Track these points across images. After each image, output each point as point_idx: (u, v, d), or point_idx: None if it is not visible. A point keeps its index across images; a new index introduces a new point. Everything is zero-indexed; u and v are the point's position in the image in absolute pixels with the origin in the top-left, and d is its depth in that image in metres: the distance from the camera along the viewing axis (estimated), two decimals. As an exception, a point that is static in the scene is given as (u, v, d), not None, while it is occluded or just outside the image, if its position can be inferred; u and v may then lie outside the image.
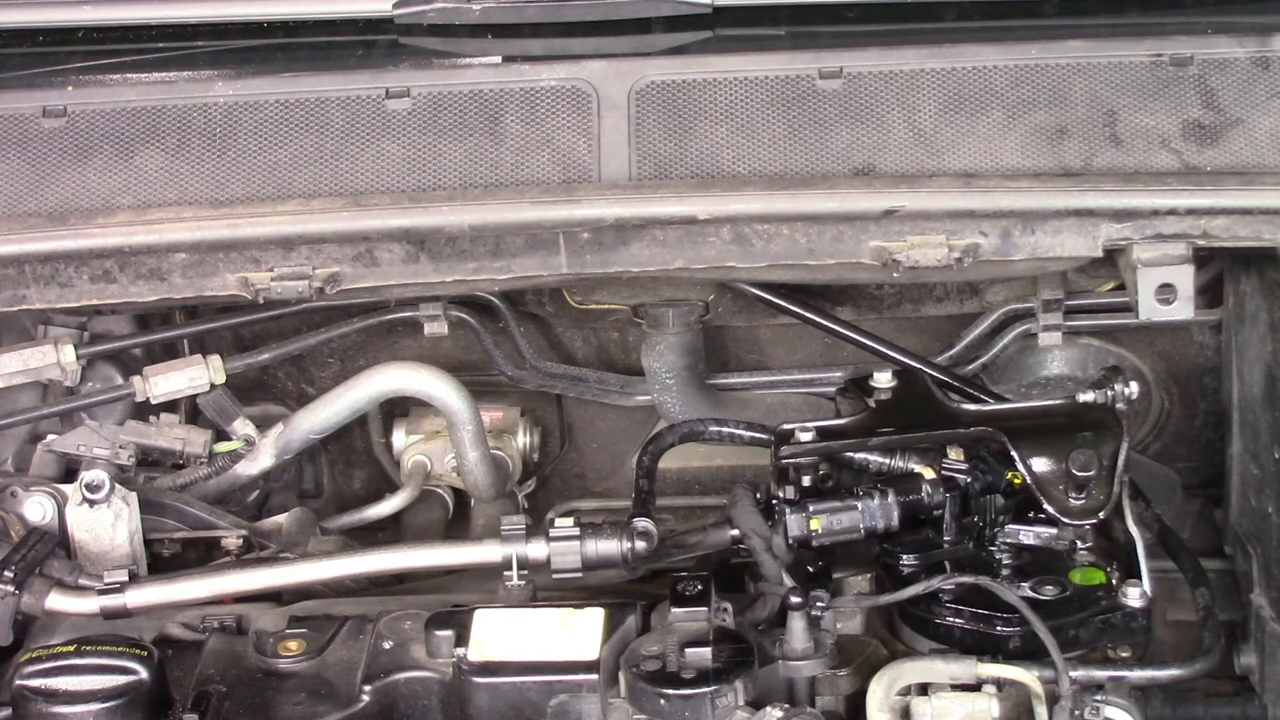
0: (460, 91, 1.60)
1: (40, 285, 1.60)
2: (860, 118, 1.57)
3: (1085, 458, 1.56)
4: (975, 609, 1.55)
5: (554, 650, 1.49)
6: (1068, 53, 1.59)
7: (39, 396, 1.90)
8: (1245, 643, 1.67)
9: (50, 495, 1.74)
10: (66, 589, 1.61)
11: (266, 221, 1.54)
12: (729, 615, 1.53)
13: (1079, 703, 1.47)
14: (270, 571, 1.66)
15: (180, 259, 1.58)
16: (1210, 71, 1.57)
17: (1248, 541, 1.70)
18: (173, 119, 1.61)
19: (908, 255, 1.54)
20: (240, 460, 1.91)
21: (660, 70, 1.60)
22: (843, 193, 1.53)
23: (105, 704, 1.39)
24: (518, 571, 1.58)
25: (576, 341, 2.11)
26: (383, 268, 1.59)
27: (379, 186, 1.57)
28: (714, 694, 1.41)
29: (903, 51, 1.60)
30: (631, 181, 1.56)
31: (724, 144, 1.57)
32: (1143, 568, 1.63)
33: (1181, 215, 1.52)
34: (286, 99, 1.60)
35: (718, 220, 1.55)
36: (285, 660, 1.55)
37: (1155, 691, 1.60)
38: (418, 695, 1.52)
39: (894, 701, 1.48)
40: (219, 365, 1.88)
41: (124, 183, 1.58)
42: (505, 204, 1.54)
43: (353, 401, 1.90)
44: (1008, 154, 1.55)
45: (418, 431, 2.07)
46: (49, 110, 1.61)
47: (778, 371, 2.05)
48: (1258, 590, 1.66)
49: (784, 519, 1.58)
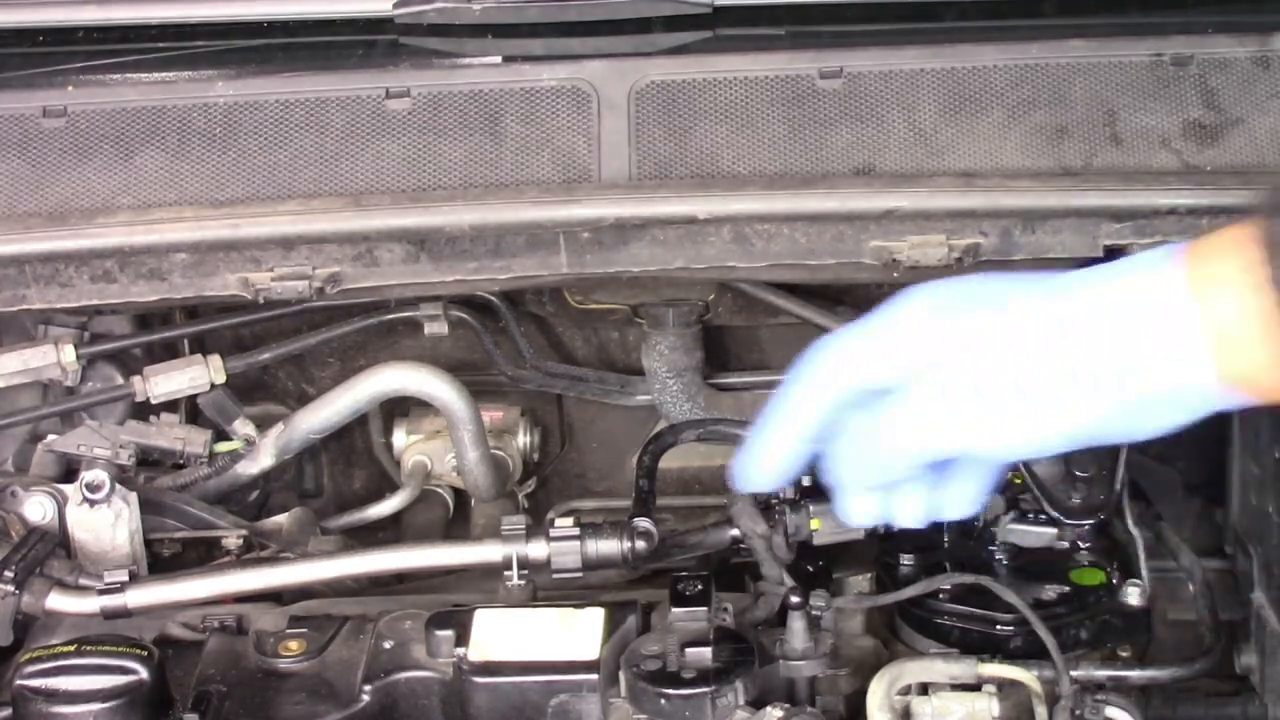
0: (460, 91, 1.60)
1: (40, 285, 1.59)
2: (860, 118, 1.57)
3: (1085, 458, 1.56)
4: (975, 609, 1.55)
5: (554, 650, 1.49)
6: (1068, 53, 1.59)
7: (39, 396, 1.90)
8: (1245, 643, 1.67)
9: (50, 495, 1.74)
10: (67, 589, 1.61)
11: (266, 221, 1.54)
12: (729, 615, 1.53)
13: (1079, 703, 1.47)
14: (270, 571, 1.66)
15: (180, 259, 1.58)
16: (1210, 71, 1.57)
17: (1248, 541, 1.70)
18: (173, 119, 1.60)
19: (908, 255, 1.54)
20: (240, 460, 1.91)
21: (660, 70, 1.60)
22: (843, 192, 1.53)
23: (106, 704, 1.39)
24: (518, 571, 1.58)
25: (576, 341, 2.11)
26: (383, 268, 1.59)
27: (379, 186, 1.57)
28: (714, 694, 1.41)
29: (903, 51, 1.60)
30: (631, 181, 1.55)
31: (724, 144, 1.57)
32: (1143, 568, 1.63)
33: (1182, 215, 1.52)
34: (286, 99, 1.60)
35: (718, 220, 1.55)
36: (285, 660, 1.55)
37: (1155, 691, 1.60)
38: (418, 695, 1.52)
39: (894, 701, 1.48)
40: (219, 365, 1.88)
41: (124, 183, 1.58)
42: (505, 204, 1.54)
43: (353, 401, 1.89)
44: (1008, 154, 1.55)
45: (418, 431, 2.07)
46: (49, 110, 1.61)
47: (778, 371, 2.05)
48: (1258, 590, 1.66)
49: (784, 519, 1.58)
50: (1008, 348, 1.15)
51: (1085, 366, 1.13)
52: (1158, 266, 1.12)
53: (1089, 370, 1.13)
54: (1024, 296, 1.17)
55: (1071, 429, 1.15)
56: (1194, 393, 1.12)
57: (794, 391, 1.22)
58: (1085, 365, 1.13)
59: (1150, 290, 1.11)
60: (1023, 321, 1.15)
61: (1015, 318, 1.15)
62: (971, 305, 1.17)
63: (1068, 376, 1.13)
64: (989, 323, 1.16)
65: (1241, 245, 1.08)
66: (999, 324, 1.16)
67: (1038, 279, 1.18)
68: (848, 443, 1.23)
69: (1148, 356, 1.11)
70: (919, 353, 1.18)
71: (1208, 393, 1.11)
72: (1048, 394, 1.14)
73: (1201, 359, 1.09)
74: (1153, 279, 1.12)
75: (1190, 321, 1.09)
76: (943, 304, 1.18)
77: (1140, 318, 1.11)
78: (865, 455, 1.22)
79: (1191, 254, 1.11)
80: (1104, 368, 1.12)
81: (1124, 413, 1.14)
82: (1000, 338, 1.15)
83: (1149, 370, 1.11)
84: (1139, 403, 1.13)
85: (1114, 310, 1.13)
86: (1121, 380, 1.12)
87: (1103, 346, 1.12)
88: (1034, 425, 1.15)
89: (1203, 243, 1.11)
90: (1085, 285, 1.15)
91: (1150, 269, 1.12)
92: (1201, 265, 1.09)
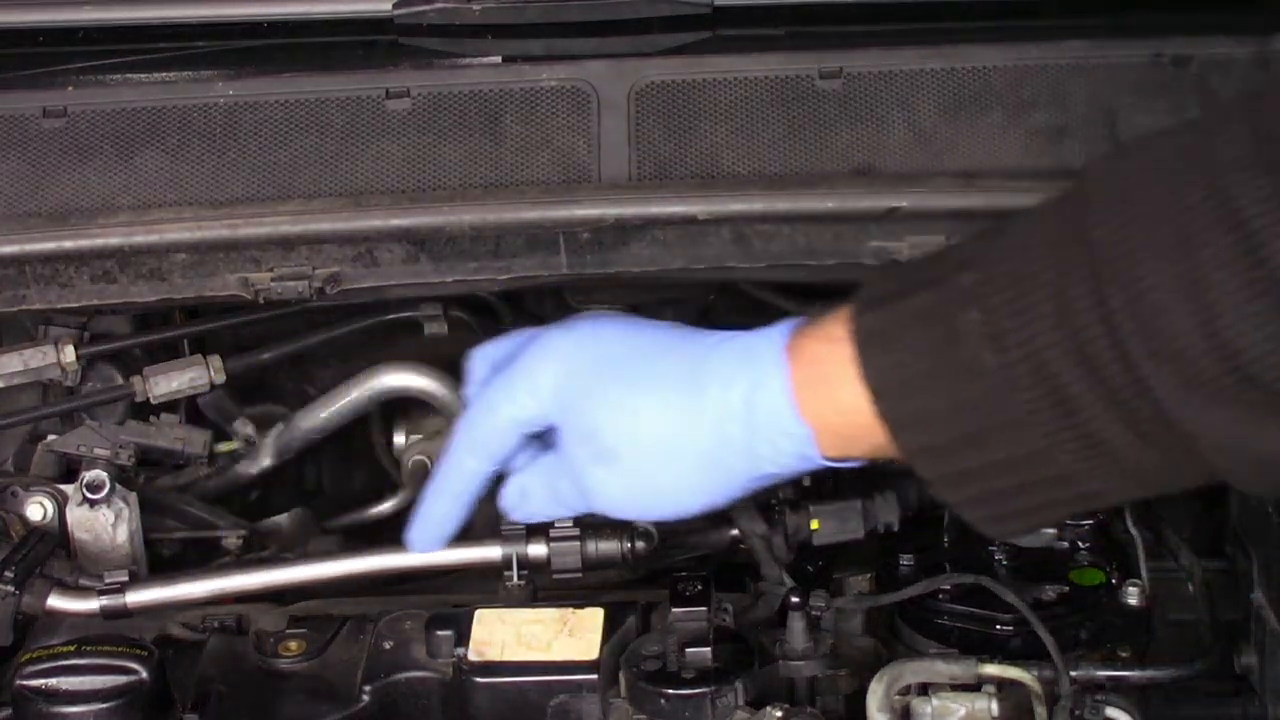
0: (460, 91, 1.60)
1: (40, 285, 1.59)
2: (860, 118, 1.57)
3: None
4: (975, 609, 1.55)
5: (554, 650, 1.49)
6: (1068, 53, 1.59)
7: (39, 396, 1.90)
8: (1245, 643, 1.66)
9: (50, 495, 1.74)
10: (67, 589, 1.61)
11: (266, 221, 1.54)
12: (729, 615, 1.53)
13: (1079, 703, 1.47)
14: (270, 572, 1.66)
15: (180, 259, 1.58)
16: (1210, 71, 1.57)
17: (1248, 541, 1.70)
18: (173, 119, 1.60)
19: (908, 255, 1.54)
20: (240, 460, 1.91)
21: (660, 70, 1.60)
22: (843, 192, 1.53)
23: (106, 704, 1.39)
24: (518, 571, 1.58)
25: (577, 341, 2.10)
26: (383, 268, 1.59)
27: (379, 186, 1.57)
28: (714, 694, 1.41)
29: (903, 51, 1.60)
30: (631, 181, 1.56)
31: (724, 144, 1.57)
32: (1142, 568, 1.63)
33: (1181, 215, 1.52)
34: (287, 99, 1.60)
35: (718, 220, 1.55)
36: (285, 660, 1.56)
37: (1155, 691, 1.60)
38: (418, 695, 1.52)
39: (894, 701, 1.48)
40: (219, 365, 1.87)
41: (124, 183, 1.58)
42: (505, 204, 1.54)
43: (353, 401, 1.90)
44: (1008, 154, 1.55)
45: (418, 431, 2.07)
46: (49, 110, 1.61)
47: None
48: (1257, 590, 1.66)
49: (784, 519, 1.58)
50: (635, 414, 1.26)
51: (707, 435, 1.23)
52: (769, 355, 1.22)
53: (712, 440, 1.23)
54: (654, 360, 1.28)
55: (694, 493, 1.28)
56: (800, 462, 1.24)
57: (448, 456, 1.39)
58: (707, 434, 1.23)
59: (759, 381, 1.22)
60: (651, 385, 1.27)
61: (646, 383, 1.27)
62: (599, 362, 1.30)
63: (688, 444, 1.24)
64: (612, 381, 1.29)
65: (840, 343, 1.18)
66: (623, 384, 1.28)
67: (670, 337, 1.30)
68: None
69: (755, 440, 1.22)
70: (550, 404, 1.32)
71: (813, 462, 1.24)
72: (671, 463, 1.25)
73: (807, 450, 1.22)
74: (763, 372, 1.22)
75: (794, 417, 1.20)
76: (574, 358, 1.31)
77: (750, 411, 1.21)
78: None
79: (795, 351, 1.22)
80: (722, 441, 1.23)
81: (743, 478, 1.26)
82: (627, 404, 1.27)
83: (754, 451, 1.23)
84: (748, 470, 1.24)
85: (726, 387, 1.23)
86: (735, 459, 1.24)
87: (720, 421, 1.23)
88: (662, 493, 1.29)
89: (808, 337, 1.22)
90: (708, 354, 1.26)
91: (762, 359, 1.22)
92: (806, 366, 1.20)
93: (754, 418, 1.21)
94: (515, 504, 1.42)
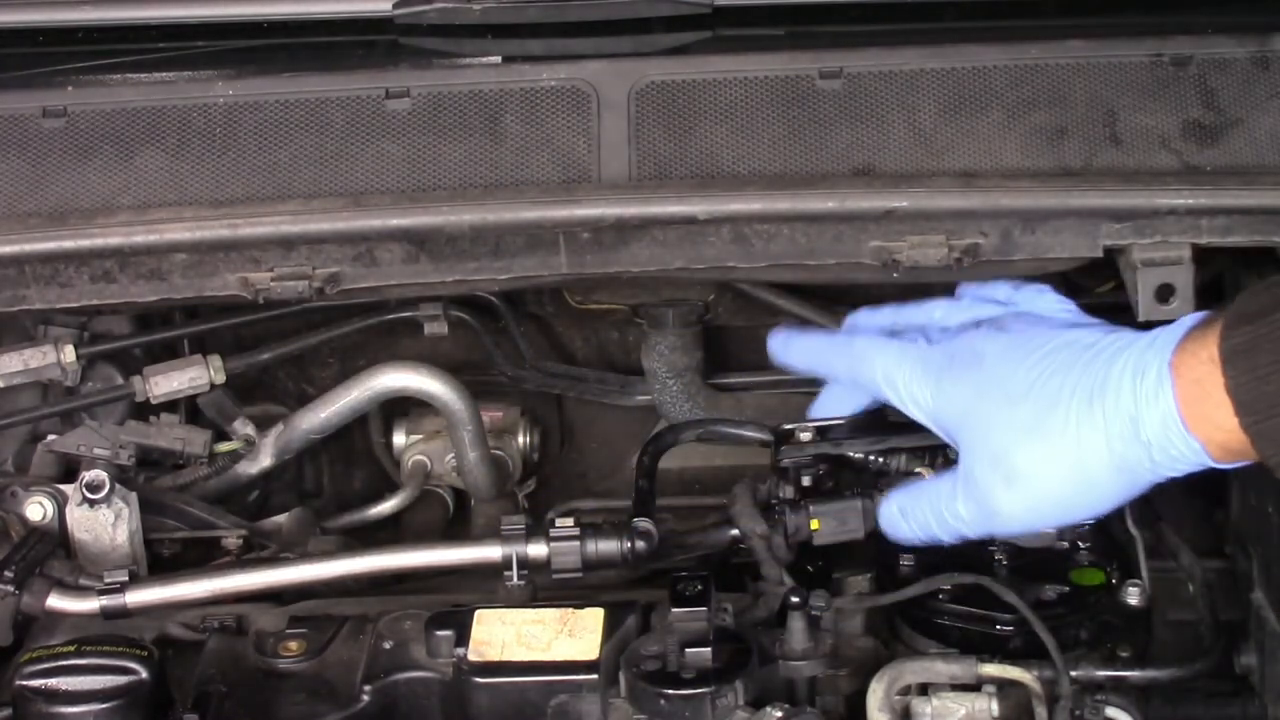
0: (460, 91, 1.60)
1: (40, 285, 1.60)
2: (860, 118, 1.57)
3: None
4: (975, 609, 1.55)
5: (554, 650, 1.49)
6: (1068, 53, 1.59)
7: (39, 396, 1.90)
8: (1245, 643, 1.67)
9: (50, 495, 1.74)
10: (66, 589, 1.61)
11: (266, 221, 1.54)
12: (729, 615, 1.53)
13: (1079, 703, 1.47)
14: (270, 572, 1.66)
15: (180, 259, 1.58)
16: (1210, 71, 1.57)
17: (1248, 541, 1.70)
18: (173, 119, 1.60)
19: (908, 255, 1.54)
20: (240, 460, 1.91)
21: (660, 70, 1.60)
22: (843, 193, 1.53)
23: (106, 704, 1.39)
24: (518, 571, 1.58)
25: (576, 341, 2.11)
26: (383, 268, 1.59)
27: (379, 186, 1.56)
28: (714, 694, 1.41)
29: (903, 51, 1.60)
30: (631, 181, 1.55)
31: (724, 144, 1.57)
32: (1142, 568, 1.63)
33: (1181, 215, 1.52)
34: (287, 99, 1.60)
35: (718, 220, 1.55)
36: (285, 660, 1.56)
37: (1155, 691, 1.60)
38: (418, 695, 1.52)
39: (894, 701, 1.48)
40: (219, 365, 1.88)
41: (124, 183, 1.58)
42: (505, 204, 1.54)
43: (353, 401, 1.90)
44: (1008, 154, 1.55)
45: (418, 431, 2.07)
46: (49, 110, 1.61)
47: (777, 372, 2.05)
48: (1257, 590, 1.66)
49: (784, 519, 1.58)
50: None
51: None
52: (1159, 371, 1.28)
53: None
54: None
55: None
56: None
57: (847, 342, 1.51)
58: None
59: (1152, 399, 1.28)
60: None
61: (1050, 408, 1.33)
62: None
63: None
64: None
65: (1216, 363, 1.23)
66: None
67: (1059, 355, 1.35)
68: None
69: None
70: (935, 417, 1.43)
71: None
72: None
73: (1200, 458, 1.28)
74: (1154, 390, 1.28)
75: (1183, 434, 1.27)
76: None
77: (1149, 427, 1.28)
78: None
79: (1179, 369, 1.27)
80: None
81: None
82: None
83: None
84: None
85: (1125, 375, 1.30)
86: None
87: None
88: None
89: (1190, 354, 1.27)
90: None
91: (1151, 376, 1.28)
92: (1190, 385, 1.26)
93: (1151, 432, 1.27)
94: (893, 524, 1.48)
